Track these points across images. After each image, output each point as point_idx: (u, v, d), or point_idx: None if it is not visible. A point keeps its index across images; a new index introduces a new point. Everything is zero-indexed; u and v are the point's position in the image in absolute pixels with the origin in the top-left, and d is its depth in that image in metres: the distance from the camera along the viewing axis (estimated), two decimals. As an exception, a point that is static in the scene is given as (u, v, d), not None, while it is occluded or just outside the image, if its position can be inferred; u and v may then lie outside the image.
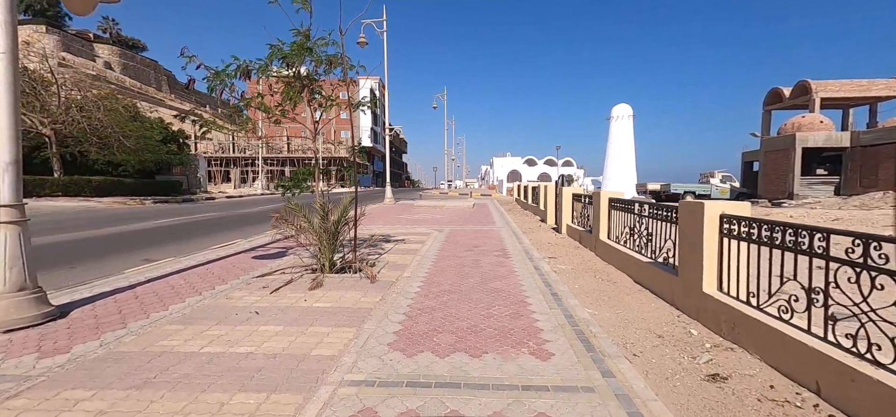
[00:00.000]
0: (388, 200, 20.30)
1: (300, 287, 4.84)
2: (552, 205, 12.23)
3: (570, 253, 7.47)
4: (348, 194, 5.78)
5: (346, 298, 4.46)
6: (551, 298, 4.49)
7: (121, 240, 9.03)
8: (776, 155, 23.77)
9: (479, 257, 6.75)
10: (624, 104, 37.81)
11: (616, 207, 6.55)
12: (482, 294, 4.59)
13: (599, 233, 7.01)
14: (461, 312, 4.01)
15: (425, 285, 5.00)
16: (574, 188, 10.09)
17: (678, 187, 24.94)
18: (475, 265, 6.13)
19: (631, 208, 5.95)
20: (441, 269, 5.85)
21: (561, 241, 8.94)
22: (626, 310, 4.24)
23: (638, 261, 5.32)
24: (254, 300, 4.38)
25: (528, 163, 53.61)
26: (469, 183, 78.94)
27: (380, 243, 8.17)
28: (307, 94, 5.05)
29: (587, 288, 5.07)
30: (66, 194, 18.46)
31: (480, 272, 5.68)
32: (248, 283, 5.05)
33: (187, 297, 4.45)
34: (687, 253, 4.00)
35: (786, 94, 25.90)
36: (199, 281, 5.13)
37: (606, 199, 6.92)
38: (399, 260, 6.49)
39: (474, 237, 8.95)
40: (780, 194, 22.73)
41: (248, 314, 3.93)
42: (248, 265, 6.17)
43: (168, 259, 6.56)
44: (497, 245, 7.91)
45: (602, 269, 6.16)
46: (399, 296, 4.53)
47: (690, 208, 3.92)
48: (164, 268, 5.88)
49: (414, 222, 12.03)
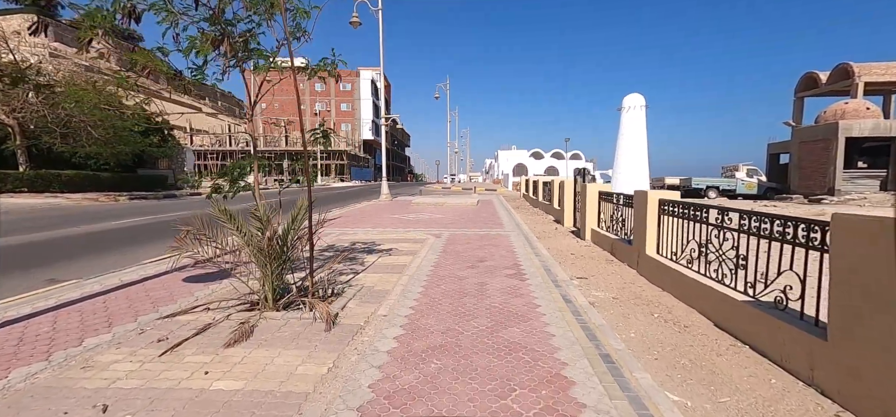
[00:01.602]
0: (384, 196, 18.64)
1: (216, 339, 3.18)
2: (570, 204, 10.51)
3: (604, 271, 5.77)
4: (301, 199, 4.10)
5: (276, 365, 2.79)
6: (602, 364, 2.81)
7: (46, 248, 7.42)
8: (813, 146, 21.61)
9: (485, 278, 5.07)
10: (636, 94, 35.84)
11: (672, 212, 4.83)
12: (492, 356, 2.92)
13: (645, 246, 5.29)
14: (460, 398, 2.36)
15: (407, 334, 3.32)
16: (600, 185, 8.35)
17: (700, 182, 23.04)
18: (480, 292, 4.45)
19: (700, 215, 4.23)
20: (433, 301, 4.18)
21: (586, 251, 7.23)
22: (737, 394, 2.54)
23: (720, 295, 3.62)
24: (126, 369, 2.73)
25: (535, 156, 51.65)
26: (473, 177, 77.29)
27: (360, 254, 6.50)
28: (228, 47, 3.35)
29: (650, 340, 3.37)
30: (32, 189, 16.93)
31: (488, 306, 3.99)
32: (143, 329, 3.40)
33: (18, 366, 2.80)
34: (858, 303, 2.29)
35: (822, 79, 23.69)
36: (74, 326, 3.49)
37: (655, 201, 5.20)
38: (378, 284, 4.82)
39: (479, 245, 7.26)
40: (819, 189, 20.71)
41: (91, 409, 2.28)
42: (171, 290, 4.52)
43: (72, 282, 4.92)
44: (508, 258, 6.22)
45: (655, 299, 4.46)
46: (360, 361, 2.86)
47: (860, 227, 2.21)
48: (52, 297, 4.25)
49: (409, 224, 10.36)
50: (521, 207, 17.41)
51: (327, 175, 58.41)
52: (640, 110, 35.77)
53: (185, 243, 3.61)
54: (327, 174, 58.55)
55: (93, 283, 4.81)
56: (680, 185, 23.87)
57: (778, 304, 3.02)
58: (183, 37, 3.37)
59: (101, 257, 6.64)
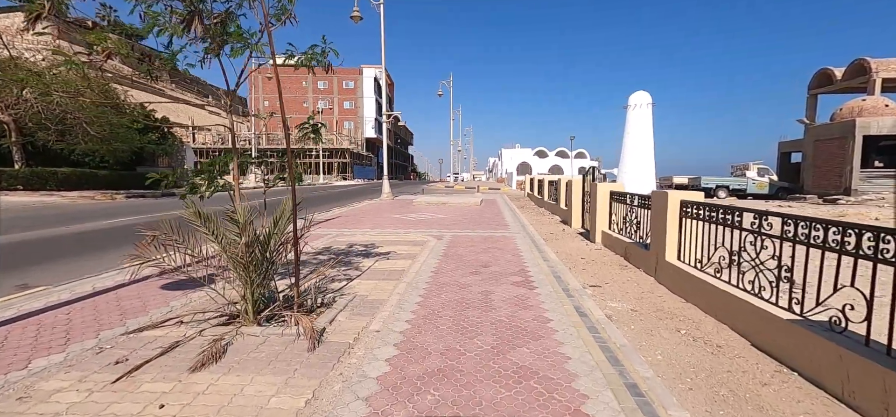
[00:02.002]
0: (385, 195, 18.22)
1: (183, 360, 2.78)
2: (578, 204, 10.06)
3: (618, 278, 5.33)
4: (285, 199, 3.69)
5: (246, 396, 2.38)
6: (629, 397, 2.38)
7: (28, 249, 7.06)
8: (828, 144, 20.92)
9: (490, 286, 4.64)
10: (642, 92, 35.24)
11: (697, 216, 4.38)
12: (499, 385, 2.50)
13: (665, 251, 4.84)
14: (459, 453, 1.93)
15: (401, 355, 2.91)
16: (612, 185, 7.90)
17: (709, 181, 22.45)
18: (485, 303, 4.03)
19: (731, 219, 3.78)
20: (432, 313, 3.75)
21: (597, 255, 6.79)
22: (794, 440, 2.10)
23: (759, 311, 3.17)
24: (69, 401, 2.33)
25: (539, 155, 51.04)
26: (476, 176, 76.82)
27: (356, 257, 6.09)
28: (200, 26, 2.93)
29: (680, 363, 2.93)
30: (28, 187, 16.65)
31: (494, 321, 3.57)
32: (102, 348, 3.00)
33: (-55, 395, 2.40)
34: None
35: (837, 75, 22.98)
36: (26, 343, 3.10)
37: (677, 203, 4.74)
38: (373, 292, 4.41)
39: (483, 248, 6.84)
40: (834, 188, 20.06)
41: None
42: (145, 299, 4.13)
43: (42, 289, 4.54)
44: (514, 263, 5.79)
45: (679, 311, 4.02)
46: (345, 391, 2.45)
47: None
48: (14, 306, 3.86)
49: (409, 224, 9.94)
50: (525, 206, 16.96)
51: (330, 173, 58.13)
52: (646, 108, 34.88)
53: (150, 250, 3.20)
54: (330, 173, 58.27)
55: (62, 290, 4.43)
56: (688, 184, 23.28)
57: (834, 325, 2.58)
58: (147, 17, 2.95)
59: (82, 260, 6.27)
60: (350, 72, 72.66)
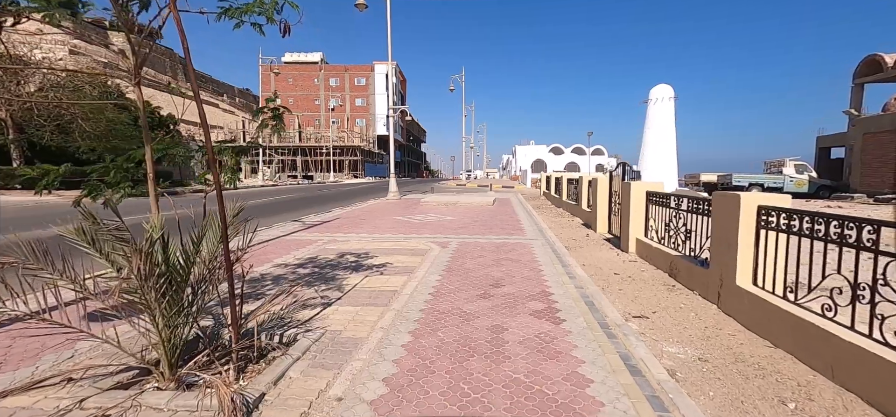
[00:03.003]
0: (391, 194, 17.21)
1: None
2: (604, 206, 8.84)
3: (667, 303, 4.17)
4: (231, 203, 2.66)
5: None
6: None
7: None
8: (880, 138, 18.96)
9: (503, 317, 3.55)
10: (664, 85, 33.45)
11: (786, 229, 3.19)
12: None
13: (736, 273, 3.66)
14: None
15: (359, 458, 1.84)
16: (648, 184, 6.68)
17: (741, 179, 20.75)
18: (495, 348, 2.93)
19: (851, 237, 2.60)
20: (422, 365, 2.68)
21: (633, 268, 5.62)
22: None
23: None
24: None
25: (555, 152, 49.39)
26: (490, 173, 75.51)
27: (342, 272, 5.07)
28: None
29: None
30: (25, 186, 16.23)
31: (507, 380, 2.48)
32: (-78, 432, 2.02)
33: None
34: None
35: (888, 62, 20.89)
36: None
37: (753, 209, 3.56)
38: (349, 326, 3.37)
39: (495, 260, 5.74)
40: (887, 187, 18.18)
41: None
42: (44, 340, 3.16)
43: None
44: (533, 281, 4.68)
45: (769, 363, 2.86)
46: None
47: None
48: None
49: (412, 228, 8.89)
50: (542, 206, 15.75)
51: (340, 171, 57.70)
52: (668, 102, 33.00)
53: None
54: (340, 170, 57.84)
55: (-43, 321, 3.49)
56: (718, 182, 21.64)
57: None
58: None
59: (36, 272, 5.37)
60: (362, 69, 72.06)
